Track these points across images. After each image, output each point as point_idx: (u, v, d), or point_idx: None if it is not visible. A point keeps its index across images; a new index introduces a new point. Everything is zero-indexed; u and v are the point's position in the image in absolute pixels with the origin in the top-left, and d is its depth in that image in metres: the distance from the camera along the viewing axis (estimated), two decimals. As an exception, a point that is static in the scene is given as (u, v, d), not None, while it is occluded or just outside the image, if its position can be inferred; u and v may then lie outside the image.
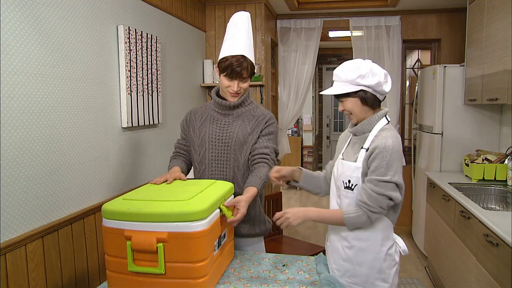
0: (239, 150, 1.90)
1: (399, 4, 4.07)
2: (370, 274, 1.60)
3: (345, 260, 1.63)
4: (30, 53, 1.72)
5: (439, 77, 3.66)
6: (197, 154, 1.98)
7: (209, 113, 1.99)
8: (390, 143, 1.51)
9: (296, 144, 7.05)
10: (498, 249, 1.99)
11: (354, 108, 1.60)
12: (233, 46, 1.85)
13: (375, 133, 1.59)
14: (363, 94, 1.57)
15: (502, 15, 2.73)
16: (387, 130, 1.58)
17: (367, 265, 1.59)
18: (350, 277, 1.62)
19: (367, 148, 1.57)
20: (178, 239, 1.36)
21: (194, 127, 1.99)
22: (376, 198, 1.49)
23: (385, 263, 1.61)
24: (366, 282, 1.60)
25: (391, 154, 1.49)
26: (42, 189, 1.80)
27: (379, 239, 1.60)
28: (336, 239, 1.67)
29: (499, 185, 2.98)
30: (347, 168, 1.61)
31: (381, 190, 1.49)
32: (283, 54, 4.59)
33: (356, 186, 1.58)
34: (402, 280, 3.50)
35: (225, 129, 1.93)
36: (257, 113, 1.96)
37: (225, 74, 1.83)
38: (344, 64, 1.60)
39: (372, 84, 1.55)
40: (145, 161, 2.73)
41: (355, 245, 1.60)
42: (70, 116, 1.98)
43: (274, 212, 3.36)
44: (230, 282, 1.57)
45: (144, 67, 2.62)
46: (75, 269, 2.01)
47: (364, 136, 1.63)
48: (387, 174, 1.49)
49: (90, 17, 2.13)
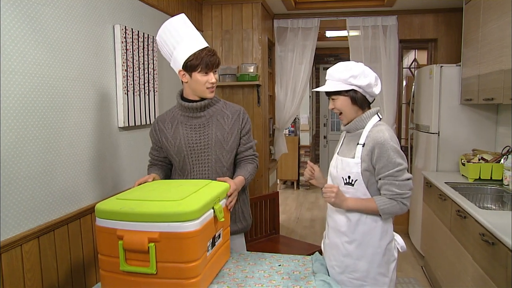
0: (220, 149, 1.90)
1: (395, 4, 4.08)
2: (370, 269, 1.65)
3: (345, 255, 1.67)
4: (26, 52, 1.71)
5: (436, 77, 3.67)
6: (176, 162, 1.95)
7: (178, 119, 1.94)
8: (386, 135, 1.62)
9: (293, 144, 7.05)
10: (494, 248, 1.99)
11: (344, 106, 1.69)
12: (193, 43, 1.81)
13: (368, 129, 1.67)
14: (353, 94, 1.67)
15: (498, 16, 2.74)
16: (380, 125, 1.68)
17: (367, 260, 1.65)
18: (350, 273, 1.67)
19: (363, 143, 1.65)
20: (169, 239, 1.36)
21: (167, 136, 1.94)
22: (404, 185, 1.61)
23: (385, 258, 1.67)
24: (367, 277, 1.65)
25: (392, 144, 1.61)
26: (38, 189, 1.79)
27: (378, 233, 1.66)
28: (336, 236, 1.71)
29: (495, 184, 2.99)
30: (346, 164, 1.68)
31: (403, 176, 1.61)
32: (280, 53, 4.59)
33: (356, 181, 1.65)
34: (398, 279, 3.50)
35: (201, 131, 1.90)
36: (229, 110, 1.96)
37: (199, 70, 1.80)
38: (338, 64, 1.69)
39: (363, 85, 1.65)
40: (141, 161, 2.72)
41: (356, 239, 1.66)
42: (67, 116, 1.97)
43: (271, 212, 3.36)
44: (224, 282, 1.57)
45: (141, 67, 2.62)
46: (71, 269, 2.00)
47: (358, 133, 1.70)
48: (399, 163, 1.61)
49: (87, 17, 2.13)
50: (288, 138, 6.91)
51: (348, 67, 1.65)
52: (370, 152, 1.62)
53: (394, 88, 4.34)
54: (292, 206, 6.14)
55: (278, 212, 3.44)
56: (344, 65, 1.67)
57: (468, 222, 2.39)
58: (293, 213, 5.76)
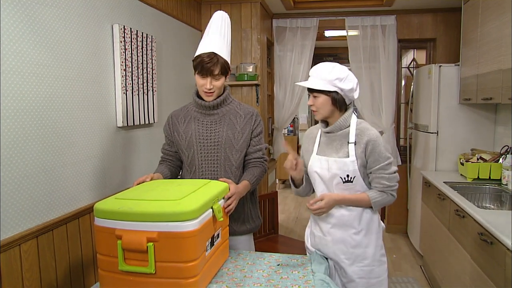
0: (230, 148, 1.92)
1: (394, 4, 4.08)
2: (376, 252, 1.81)
3: (354, 246, 1.79)
4: (25, 52, 1.71)
5: (434, 76, 3.67)
6: (185, 156, 1.98)
7: (192, 115, 1.99)
8: (373, 132, 1.75)
9: (292, 143, 7.06)
10: (493, 247, 2.00)
11: (324, 105, 1.76)
12: (206, 44, 1.87)
13: (354, 127, 1.76)
14: (335, 95, 1.74)
15: (496, 15, 2.74)
16: (363, 123, 1.80)
17: (373, 245, 1.81)
18: (361, 261, 1.79)
19: (353, 142, 1.74)
20: (168, 239, 1.36)
21: (179, 131, 1.98)
22: (393, 177, 1.76)
23: (381, 238, 1.85)
24: (374, 261, 1.80)
25: (379, 141, 1.74)
26: (36, 189, 1.79)
27: (377, 219, 1.84)
28: (341, 231, 1.81)
29: (493, 184, 3.00)
30: (343, 164, 1.74)
31: (392, 169, 1.76)
32: (279, 53, 4.60)
33: (354, 178, 1.74)
34: (398, 279, 3.51)
35: (212, 128, 1.93)
36: (242, 110, 1.98)
37: (198, 71, 1.85)
38: (325, 64, 1.76)
39: (346, 89, 1.72)
40: (140, 160, 2.73)
41: (363, 229, 1.79)
42: (65, 116, 1.97)
43: (270, 211, 3.37)
44: (223, 282, 1.57)
45: (140, 66, 2.62)
46: (70, 269, 2.00)
47: (343, 132, 1.78)
48: (388, 156, 1.75)
49: (85, 16, 2.13)
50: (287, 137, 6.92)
51: (336, 69, 1.72)
52: (364, 148, 1.72)
53: (393, 88, 4.34)
54: (291, 205, 6.15)
55: (277, 212, 3.44)
56: (331, 66, 1.73)
57: (466, 221, 2.39)
58: (292, 212, 5.77)
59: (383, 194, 1.76)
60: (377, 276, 1.81)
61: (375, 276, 1.81)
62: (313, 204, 1.74)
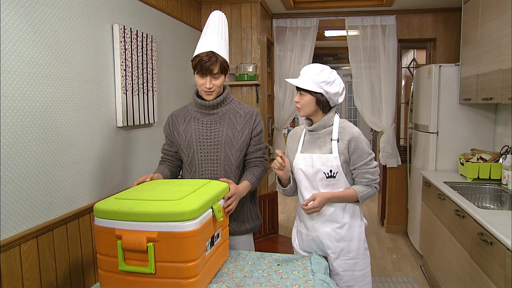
0: (229, 148, 1.92)
1: (394, 4, 4.09)
2: (359, 246, 1.89)
3: (338, 240, 1.86)
4: (25, 51, 1.71)
5: (435, 76, 3.67)
6: (185, 156, 1.98)
7: (192, 114, 2.00)
8: (355, 130, 1.85)
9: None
10: (493, 247, 2.00)
11: (308, 104, 1.84)
12: (204, 44, 1.89)
13: (337, 126, 1.86)
14: (320, 97, 1.82)
15: (496, 15, 2.74)
16: (346, 122, 1.90)
17: (356, 238, 1.88)
18: (345, 255, 1.86)
19: (337, 139, 1.83)
20: (168, 239, 1.36)
21: (179, 130, 1.99)
22: (375, 171, 1.86)
23: (363, 233, 1.92)
24: (358, 254, 1.88)
25: (361, 138, 1.83)
26: (36, 189, 1.79)
27: (359, 213, 1.93)
28: (325, 225, 1.87)
29: (493, 184, 3.00)
30: (326, 160, 1.82)
31: (374, 164, 1.86)
32: (279, 53, 4.60)
33: (337, 173, 1.82)
34: (398, 279, 3.51)
35: (212, 128, 1.94)
36: (242, 110, 1.99)
37: (197, 71, 1.86)
38: (316, 66, 1.84)
39: (331, 92, 1.81)
40: (140, 160, 2.73)
41: (346, 223, 1.87)
42: (65, 116, 1.97)
43: (270, 211, 3.37)
44: (223, 282, 1.57)
45: (140, 66, 2.62)
46: (70, 269, 2.00)
47: (326, 131, 1.87)
48: (369, 152, 1.84)
49: (85, 16, 2.13)
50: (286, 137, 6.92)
51: (324, 72, 1.80)
52: (347, 145, 1.81)
53: (393, 88, 4.34)
54: (291, 205, 6.14)
55: (277, 212, 3.44)
56: (321, 68, 1.81)
57: (466, 221, 2.39)
58: (292, 212, 5.76)
59: (368, 188, 1.85)
60: (361, 269, 1.89)
61: (359, 269, 1.88)
62: (307, 204, 1.79)
